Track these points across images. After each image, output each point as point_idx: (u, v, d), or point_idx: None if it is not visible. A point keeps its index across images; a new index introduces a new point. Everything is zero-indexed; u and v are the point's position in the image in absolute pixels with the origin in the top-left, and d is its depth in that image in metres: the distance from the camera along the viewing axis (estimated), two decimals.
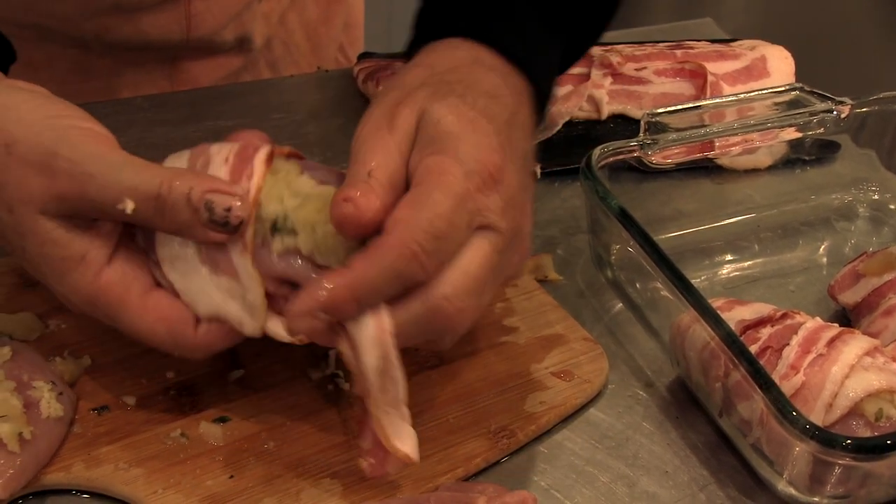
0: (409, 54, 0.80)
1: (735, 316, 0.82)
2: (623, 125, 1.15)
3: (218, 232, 0.70)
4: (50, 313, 0.86)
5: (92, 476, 0.76)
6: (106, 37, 1.14)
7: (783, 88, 1.03)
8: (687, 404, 0.85)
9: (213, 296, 0.72)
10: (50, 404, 0.76)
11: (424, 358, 0.86)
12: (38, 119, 0.71)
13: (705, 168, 1.09)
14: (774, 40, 1.20)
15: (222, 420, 0.80)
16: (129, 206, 0.69)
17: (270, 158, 0.73)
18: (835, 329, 0.78)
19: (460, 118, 0.71)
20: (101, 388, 0.81)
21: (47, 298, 0.86)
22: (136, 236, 0.74)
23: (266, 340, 0.85)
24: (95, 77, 1.18)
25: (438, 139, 0.71)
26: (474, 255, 0.70)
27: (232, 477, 0.76)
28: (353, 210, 0.67)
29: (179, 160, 0.75)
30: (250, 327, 0.73)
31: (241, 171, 0.72)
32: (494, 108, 0.74)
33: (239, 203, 0.70)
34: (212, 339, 0.74)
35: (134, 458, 0.77)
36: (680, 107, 1.00)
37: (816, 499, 0.76)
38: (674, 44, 1.21)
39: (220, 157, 0.73)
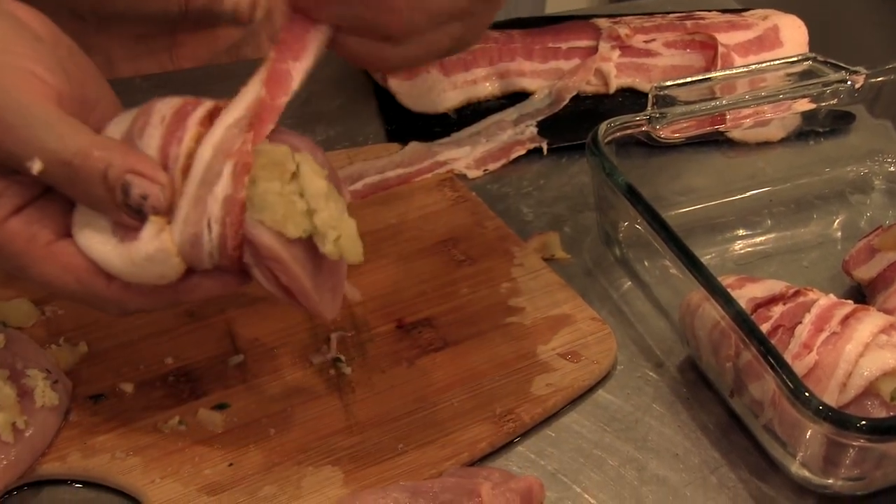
0: None
1: (746, 294, 0.80)
2: (632, 99, 1.12)
3: (131, 217, 0.64)
4: (46, 299, 0.84)
5: (88, 466, 0.74)
6: (102, 10, 1.12)
7: (796, 59, 1.00)
8: (697, 385, 0.83)
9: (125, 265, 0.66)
10: (45, 393, 0.74)
11: (427, 341, 0.84)
12: None
13: (716, 142, 1.07)
14: (787, 9, 1.18)
15: (221, 406, 0.78)
16: (37, 166, 0.63)
17: (210, 117, 0.66)
18: (849, 306, 0.76)
19: None
20: (97, 376, 0.80)
21: None
22: None
23: (264, 324, 0.84)
24: (92, 52, 1.16)
25: None
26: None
27: (231, 465, 0.75)
28: None
29: (125, 119, 0.68)
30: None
31: (174, 134, 0.65)
32: None
33: (159, 191, 0.64)
34: (127, 295, 0.67)
35: (131, 446, 0.75)
36: (689, 79, 0.98)
37: (830, 480, 0.74)
38: (684, 14, 1.19)
39: (158, 117, 0.67)
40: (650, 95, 0.96)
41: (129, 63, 1.18)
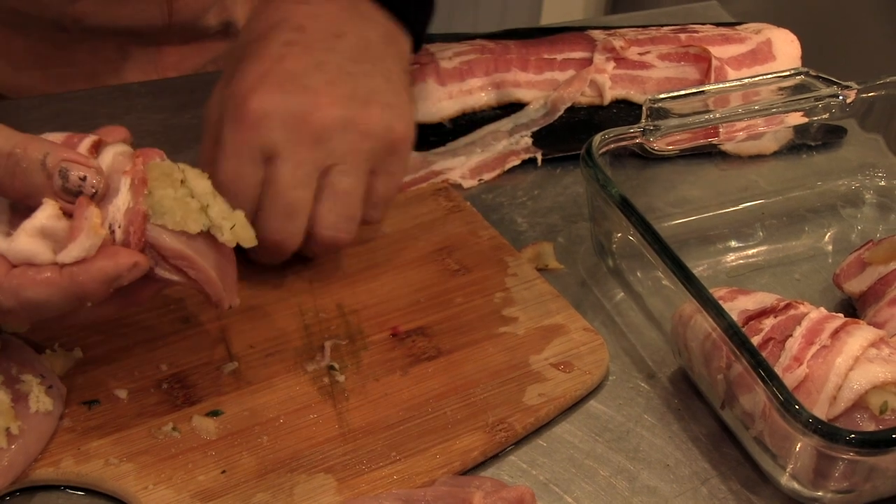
0: None
1: (738, 306, 0.81)
2: (626, 110, 1.13)
3: (69, 200, 0.69)
4: None
5: (82, 471, 0.74)
6: (85, 22, 1.13)
7: (789, 73, 1.01)
8: (689, 396, 0.84)
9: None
10: (39, 398, 0.75)
11: (421, 350, 0.84)
12: None
13: (709, 154, 1.07)
14: (780, 24, 1.18)
15: (215, 413, 0.79)
16: None
17: (95, 147, 0.72)
18: (839, 320, 0.77)
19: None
20: (92, 381, 0.80)
21: None
22: None
23: (259, 331, 0.84)
24: (76, 64, 1.17)
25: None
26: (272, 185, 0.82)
27: (224, 472, 0.75)
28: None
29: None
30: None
31: None
32: (274, 36, 0.86)
33: (95, 173, 0.69)
34: (24, 280, 0.68)
35: (125, 452, 0.76)
36: (683, 92, 0.98)
37: (820, 493, 0.74)
38: (678, 27, 1.19)
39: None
40: (644, 108, 0.96)
41: (113, 75, 1.19)
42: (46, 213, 0.69)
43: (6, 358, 0.76)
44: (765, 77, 1.01)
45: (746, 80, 1.00)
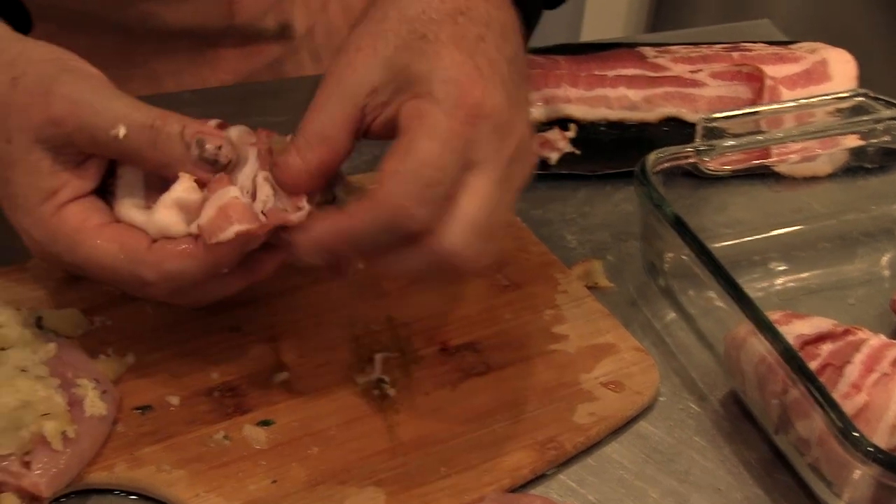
0: None
1: (793, 330, 0.80)
2: (677, 128, 1.12)
3: (205, 170, 0.72)
4: (95, 310, 0.85)
5: (134, 476, 0.75)
6: (148, 23, 1.14)
7: (847, 94, 1.00)
8: (741, 420, 0.83)
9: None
10: (93, 403, 0.75)
11: (471, 365, 0.84)
12: (44, 56, 0.74)
13: (762, 175, 1.06)
14: (836, 43, 1.17)
15: (266, 423, 0.79)
16: (122, 131, 0.71)
17: (220, 128, 0.75)
18: None
19: (429, 57, 0.71)
20: (144, 387, 0.80)
21: (93, 294, 0.86)
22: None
23: (309, 342, 0.84)
24: (137, 64, 1.18)
25: (412, 83, 0.71)
26: (472, 198, 0.70)
27: (275, 482, 0.75)
28: (280, 174, 0.73)
29: None
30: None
31: None
32: (463, 29, 0.73)
33: (228, 144, 0.73)
34: (164, 253, 0.72)
35: (176, 459, 0.76)
36: (737, 112, 0.98)
37: None
38: (730, 46, 1.19)
39: None
40: (698, 127, 0.96)
41: (172, 77, 1.19)
42: (183, 186, 0.72)
43: (62, 362, 0.76)
44: (822, 98, 1.00)
45: (803, 101, 1.00)
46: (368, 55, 0.72)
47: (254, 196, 0.73)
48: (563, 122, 1.12)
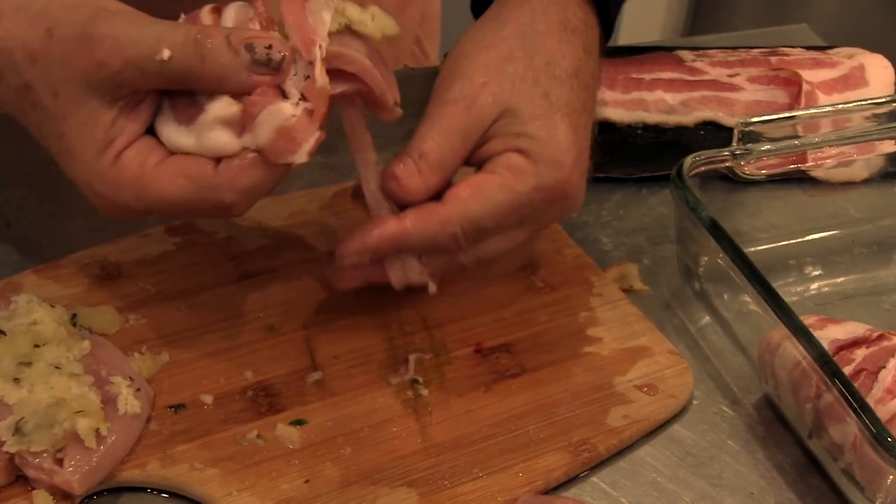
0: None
1: (828, 335, 0.80)
2: (713, 132, 1.12)
3: (261, 73, 0.70)
4: (130, 307, 0.86)
5: (167, 475, 0.75)
6: None
7: (884, 100, 0.99)
8: (774, 424, 0.83)
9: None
10: (127, 400, 0.75)
11: (505, 367, 0.84)
12: (74, 1, 0.72)
13: (798, 179, 1.06)
14: (874, 48, 1.17)
15: (299, 423, 0.79)
16: (166, 53, 0.69)
17: (216, 11, 0.74)
18: None
19: (547, 124, 0.78)
20: (178, 386, 0.81)
21: (127, 293, 0.86)
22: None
23: (343, 342, 0.84)
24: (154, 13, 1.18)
25: (523, 137, 0.78)
26: (510, 239, 0.81)
27: (307, 481, 0.75)
28: (396, 187, 0.77)
29: None
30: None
31: (193, 20, 0.74)
32: (576, 96, 0.80)
33: (278, 41, 0.70)
34: (233, 172, 0.71)
35: (209, 458, 0.76)
36: (774, 116, 0.97)
37: None
38: (768, 50, 1.18)
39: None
40: (735, 131, 0.95)
41: None
42: (219, 104, 0.70)
43: (96, 360, 0.77)
44: (859, 103, 1.00)
45: (840, 106, 0.99)
46: (492, 94, 0.78)
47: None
48: (600, 125, 1.11)
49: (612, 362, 0.85)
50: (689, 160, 0.91)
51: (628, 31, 2.61)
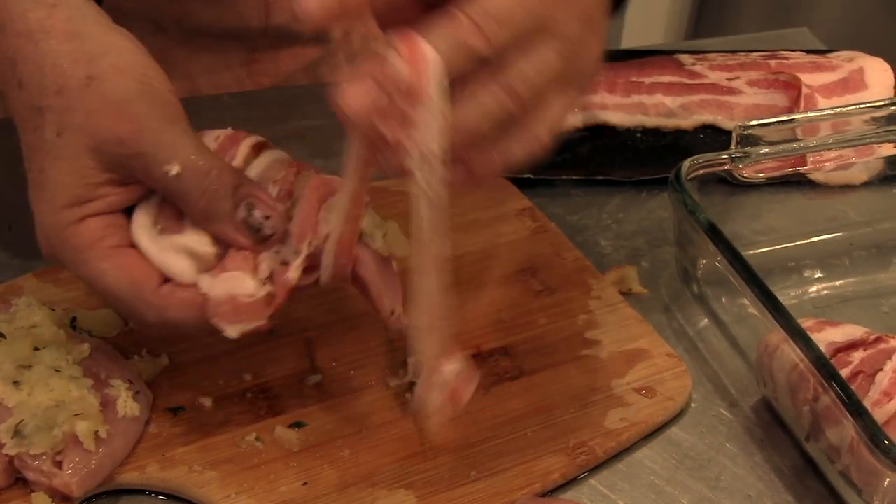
0: None
1: (825, 337, 0.80)
2: (713, 136, 1.12)
3: (246, 235, 0.69)
4: None
5: (166, 477, 0.75)
6: (185, 22, 1.14)
7: (882, 103, 0.99)
8: (772, 426, 0.83)
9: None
10: (126, 403, 0.75)
11: (504, 369, 0.84)
12: (132, 69, 0.71)
13: (797, 182, 1.06)
14: (873, 52, 1.17)
15: (298, 425, 0.79)
16: (175, 169, 0.68)
17: (258, 148, 0.74)
18: None
19: None
20: (177, 389, 0.81)
21: None
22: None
23: (343, 345, 0.84)
24: (172, 64, 1.18)
25: None
26: (537, 59, 0.64)
27: (306, 484, 0.75)
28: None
29: None
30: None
31: (227, 150, 0.73)
32: None
33: (278, 216, 0.70)
34: (171, 301, 0.70)
35: (208, 460, 0.76)
36: (773, 119, 0.97)
37: None
38: (768, 54, 1.18)
39: (211, 136, 0.75)
40: (734, 134, 0.95)
41: (207, 77, 1.20)
42: (196, 238, 0.70)
43: (96, 363, 0.77)
44: (858, 106, 1.00)
45: (839, 109, 0.99)
46: None
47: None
48: (599, 128, 1.12)
49: (610, 365, 0.85)
50: (687, 163, 0.91)
51: (631, 34, 2.62)
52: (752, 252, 0.98)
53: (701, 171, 0.93)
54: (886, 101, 1.00)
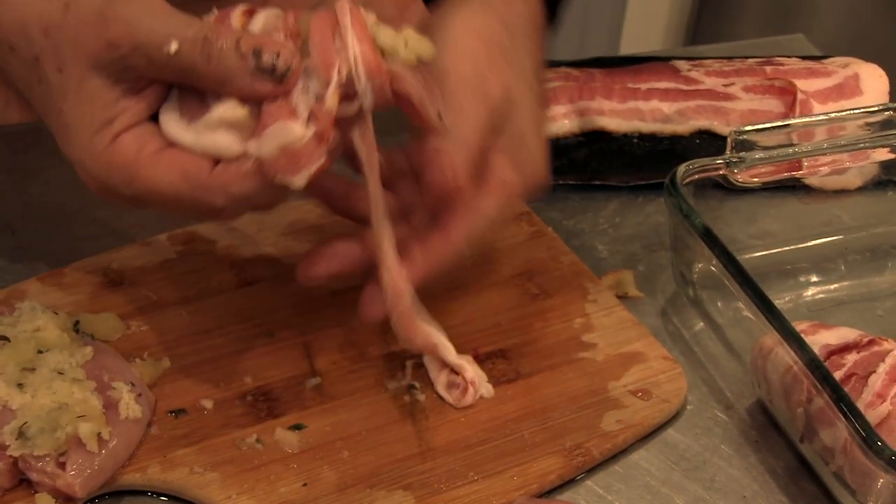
0: None
1: (819, 340, 0.81)
2: (709, 141, 1.13)
3: (264, 80, 0.69)
4: (132, 314, 0.87)
5: (167, 478, 0.76)
6: None
7: (876, 108, 1.00)
8: (767, 428, 0.84)
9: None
10: (129, 405, 0.76)
11: (501, 372, 0.85)
12: None
13: (792, 187, 1.07)
14: (868, 58, 1.18)
15: (298, 427, 0.80)
16: (174, 46, 0.68)
17: (248, 14, 0.72)
18: None
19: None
20: (179, 391, 0.82)
21: (130, 300, 0.88)
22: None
23: (341, 348, 0.85)
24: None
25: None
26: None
27: (305, 485, 0.76)
28: (435, 177, 0.76)
29: None
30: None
31: (222, 21, 0.72)
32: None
33: (288, 51, 0.69)
34: (228, 177, 0.70)
35: (209, 462, 0.77)
36: (768, 124, 0.98)
37: None
38: (763, 60, 1.19)
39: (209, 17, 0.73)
40: (729, 139, 0.96)
41: None
42: (224, 106, 0.69)
43: (98, 365, 0.78)
44: (852, 112, 1.01)
45: (833, 115, 1.00)
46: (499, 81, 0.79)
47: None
48: (596, 134, 1.12)
49: (606, 367, 0.86)
50: (682, 168, 0.92)
51: (629, 41, 2.62)
52: (747, 256, 0.99)
53: (696, 176, 0.93)
54: (881, 107, 1.01)
